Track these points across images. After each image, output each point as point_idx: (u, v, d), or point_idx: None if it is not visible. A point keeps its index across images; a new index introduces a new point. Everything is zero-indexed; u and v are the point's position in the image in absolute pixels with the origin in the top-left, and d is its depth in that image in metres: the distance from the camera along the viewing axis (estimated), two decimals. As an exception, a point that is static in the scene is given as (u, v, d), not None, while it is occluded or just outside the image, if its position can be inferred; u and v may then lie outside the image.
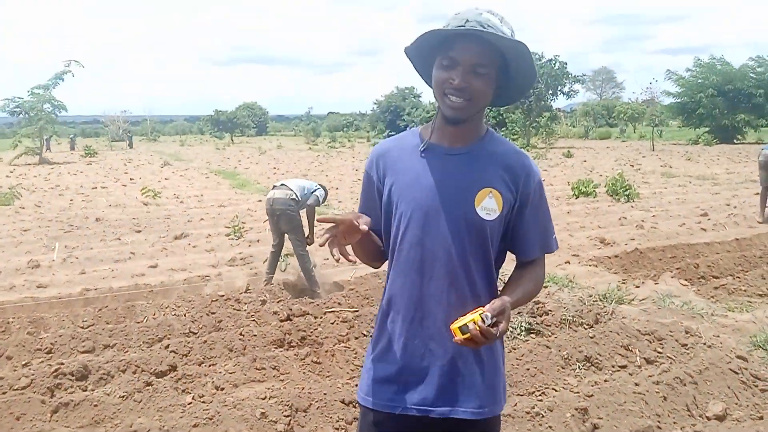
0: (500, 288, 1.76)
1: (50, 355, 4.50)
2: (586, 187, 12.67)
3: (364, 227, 1.60)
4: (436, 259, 1.68)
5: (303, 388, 3.78)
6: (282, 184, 6.30)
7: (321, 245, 1.63)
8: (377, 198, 1.79)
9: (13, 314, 5.48)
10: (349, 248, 1.68)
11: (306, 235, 6.30)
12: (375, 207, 1.80)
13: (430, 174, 1.68)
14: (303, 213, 6.32)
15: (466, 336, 1.53)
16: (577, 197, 12.50)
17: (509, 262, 1.80)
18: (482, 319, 1.53)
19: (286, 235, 6.33)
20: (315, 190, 6.27)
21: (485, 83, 1.59)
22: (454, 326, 1.55)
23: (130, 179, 18.68)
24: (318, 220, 1.65)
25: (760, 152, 9.81)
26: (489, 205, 1.66)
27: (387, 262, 1.82)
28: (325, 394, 3.69)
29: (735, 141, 36.90)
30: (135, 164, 25.79)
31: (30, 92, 28.02)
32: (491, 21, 1.55)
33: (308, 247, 6.31)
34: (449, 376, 1.70)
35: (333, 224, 1.60)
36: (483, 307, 1.60)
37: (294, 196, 6.10)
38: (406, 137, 1.80)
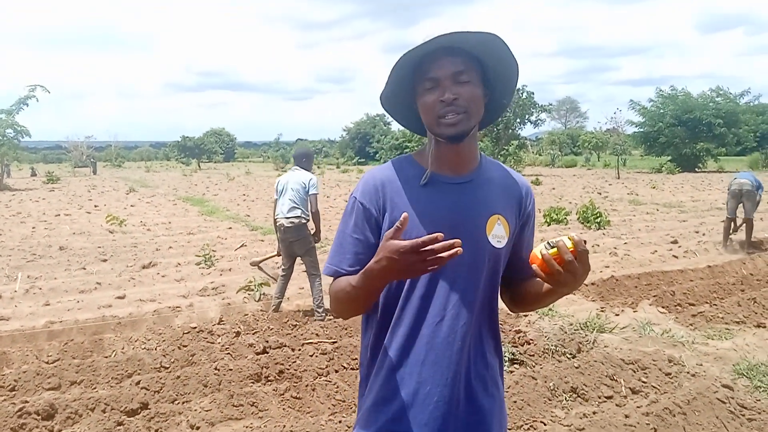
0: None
1: (13, 392, 4.24)
2: (557, 215, 12.76)
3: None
4: (452, 296, 1.56)
5: (284, 426, 3.62)
6: (291, 208, 6.10)
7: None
8: (374, 234, 1.60)
9: (-29, 349, 5.19)
10: None
11: (317, 240, 6.41)
12: (369, 245, 1.58)
13: (438, 206, 1.58)
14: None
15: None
16: (549, 224, 12.56)
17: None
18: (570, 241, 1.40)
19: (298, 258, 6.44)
20: (311, 186, 6.16)
21: (473, 89, 1.52)
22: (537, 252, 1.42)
23: (95, 206, 18.21)
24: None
25: (732, 181, 9.91)
26: (498, 233, 1.60)
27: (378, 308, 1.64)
28: (307, 431, 3.53)
29: (696, 169, 37.81)
30: (99, 191, 25.23)
31: (-8, 117, 27.36)
32: (455, 28, 1.49)
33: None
34: (464, 420, 1.59)
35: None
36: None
37: (304, 217, 6.14)
38: (402, 166, 1.65)
